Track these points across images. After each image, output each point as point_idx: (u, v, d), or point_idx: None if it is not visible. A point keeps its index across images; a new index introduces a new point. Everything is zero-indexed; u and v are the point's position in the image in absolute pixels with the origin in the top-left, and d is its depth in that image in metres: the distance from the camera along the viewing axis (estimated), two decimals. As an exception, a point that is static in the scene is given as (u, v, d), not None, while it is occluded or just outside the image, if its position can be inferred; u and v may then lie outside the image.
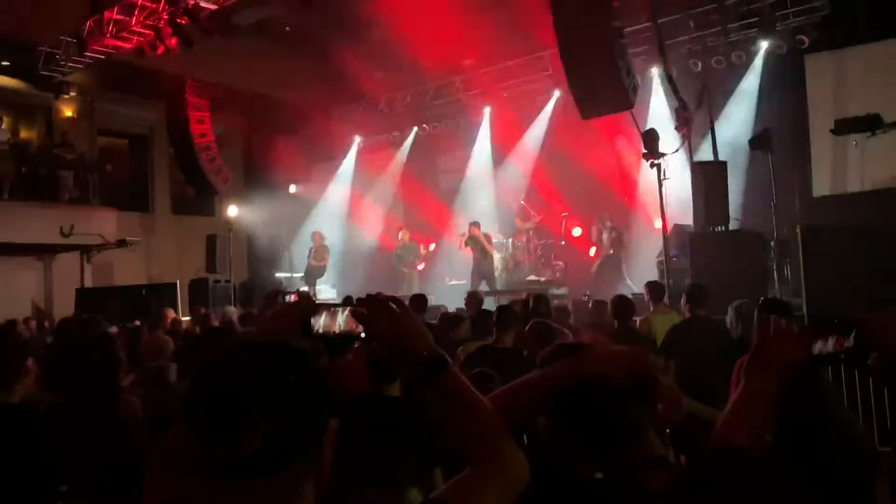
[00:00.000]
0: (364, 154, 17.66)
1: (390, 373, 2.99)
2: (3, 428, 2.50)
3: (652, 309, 6.54)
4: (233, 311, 10.68)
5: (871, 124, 9.82)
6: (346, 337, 1.41)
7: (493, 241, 13.64)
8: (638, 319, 6.47)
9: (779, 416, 1.42)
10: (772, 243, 9.46)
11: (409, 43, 12.19)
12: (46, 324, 11.00)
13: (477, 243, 13.21)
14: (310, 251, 15.18)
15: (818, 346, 1.41)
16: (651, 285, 6.87)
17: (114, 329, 9.22)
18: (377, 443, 2.47)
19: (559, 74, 10.87)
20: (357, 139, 17.48)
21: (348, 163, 17.63)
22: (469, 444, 1.29)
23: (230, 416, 1.00)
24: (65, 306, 13.00)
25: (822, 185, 11.58)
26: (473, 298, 8.10)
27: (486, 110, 15.48)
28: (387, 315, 1.35)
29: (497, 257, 13.75)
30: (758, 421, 1.39)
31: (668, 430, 1.71)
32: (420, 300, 7.34)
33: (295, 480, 1.04)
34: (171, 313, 9.56)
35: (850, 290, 6.45)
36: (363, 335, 1.39)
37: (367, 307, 1.37)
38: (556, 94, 13.96)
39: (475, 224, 13.42)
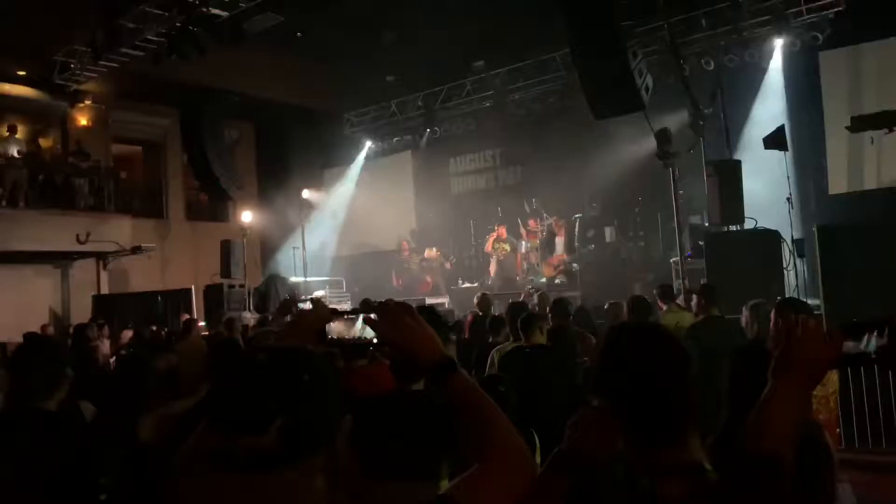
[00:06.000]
0: (376, 158, 17.72)
1: (414, 373, 2.99)
2: (41, 434, 2.54)
3: (663, 309, 6.59)
4: (249, 318, 10.77)
5: (887, 121, 9.72)
6: (360, 343, 1.44)
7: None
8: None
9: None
10: (787, 242, 9.38)
11: (420, 46, 12.22)
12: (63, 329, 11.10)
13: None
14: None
15: (848, 346, 1.38)
16: (660, 288, 7.02)
17: (129, 332, 9.32)
18: (406, 436, 2.47)
19: (571, 76, 10.86)
20: (368, 143, 17.54)
21: (360, 167, 17.70)
22: (477, 443, 1.32)
23: (248, 413, 1.07)
24: (82, 313, 13.13)
25: (838, 183, 11.48)
26: (485, 301, 8.13)
27: (497, 112, 15.47)
28: (397, 321, 1.38)
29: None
30: (786, 424, 1.35)
31: None
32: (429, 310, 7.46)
33: (308, 474, 1.10)
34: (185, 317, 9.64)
35: (868, 288, 6.39)
36: (375, 341, 1.42)
37: (377, 314, 1.40)
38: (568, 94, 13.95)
39: (502, 224, 13.87)
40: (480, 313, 7.69)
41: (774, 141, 9.90)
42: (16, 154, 13.53)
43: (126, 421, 3.17)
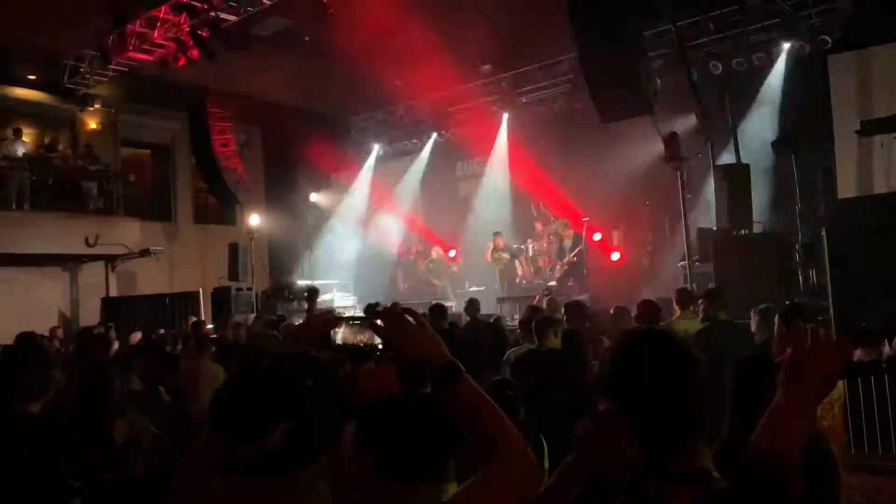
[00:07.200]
0: (383, 161, 17.73)
1: (420, 377, 2.99)
2: (24, 436, 2.55)
3: (679, 314, 6.52)
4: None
5: (897, 125, 9.68)
6: (366, 348, 1.45)
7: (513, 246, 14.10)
8: (662, 325, 6.42)
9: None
10: (796, 246, 9.33)
11: (428, 50, 12.22)
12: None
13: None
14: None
15: (858, 355, 1.36)
16: (679, 291, 6.88)
17: (137, 334, 9.35)
18: (412, 439, 2.48)
19: (578, 79, 10.85)
20: (376, 147, 17.57)
21: (368, 170, 17.72)
22: (481, 448, 1.32)
23: (252, 418, 1.07)
24: (90, 315, 13.18)
25: (847, 187, 11.41)
26: (473, 305, 8.16)
27: (505, 116, 15.47)
28: (402, 326, 1.39)
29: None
30: (795, 433, 1.34)
31: None
32: (440, 309, 7.50)
33: (311, 479, 1.11)
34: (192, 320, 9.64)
35: (878, 292, 6.35)
36: (381, 346, 1.43)
37: (383, 319, 1.41)
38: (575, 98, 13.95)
39: (498, 234, 13.95)
40: (469, 318, 7.77)
41: (784, 144, 9.85)
42: (21, 156, 13.57)
43: (101, 423, 3.17)
